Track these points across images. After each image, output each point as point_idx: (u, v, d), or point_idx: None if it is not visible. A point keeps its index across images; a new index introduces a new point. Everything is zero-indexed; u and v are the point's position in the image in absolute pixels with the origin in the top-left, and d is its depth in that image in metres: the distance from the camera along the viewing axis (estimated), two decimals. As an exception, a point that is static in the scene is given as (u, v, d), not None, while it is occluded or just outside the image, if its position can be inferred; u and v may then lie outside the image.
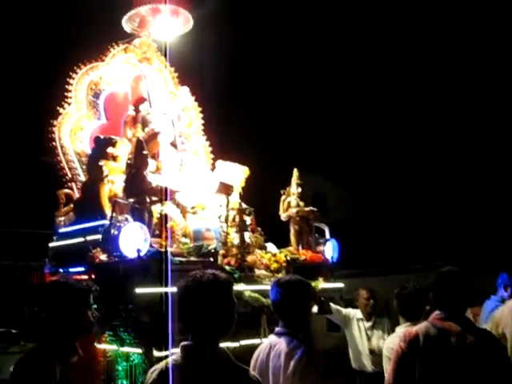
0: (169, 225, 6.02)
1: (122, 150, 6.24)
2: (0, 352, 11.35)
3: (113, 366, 5.95)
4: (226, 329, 3.11)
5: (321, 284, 6.54)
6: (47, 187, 6.81)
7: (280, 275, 6.40)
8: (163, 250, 5.40)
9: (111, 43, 7.40)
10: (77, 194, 6.67)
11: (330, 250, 7.02)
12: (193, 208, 6.87)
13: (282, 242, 7.21)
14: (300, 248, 6.95)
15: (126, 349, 5.55)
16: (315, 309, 6.66)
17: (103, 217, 5.90)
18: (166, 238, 5.99)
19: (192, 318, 3.06)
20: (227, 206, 6.32)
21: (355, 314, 7.30)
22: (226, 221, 6.31)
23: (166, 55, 7.48)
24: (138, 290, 4.87)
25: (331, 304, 7.04)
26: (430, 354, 3.80)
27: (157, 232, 6.11)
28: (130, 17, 7.58)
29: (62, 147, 6.71)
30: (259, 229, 7.12)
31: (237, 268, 5.97)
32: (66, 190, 6.69)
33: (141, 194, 5.38)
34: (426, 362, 3.79)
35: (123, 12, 7.54)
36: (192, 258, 5.60)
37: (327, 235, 7.24)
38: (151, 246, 5.46)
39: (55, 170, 6.67)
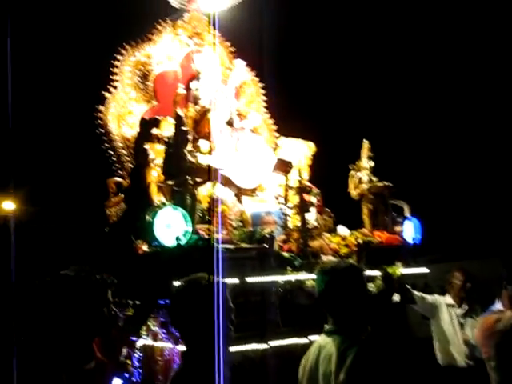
0: (219, 209, 5.45)
1: (169, 131, 5.71)
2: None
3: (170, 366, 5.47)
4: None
5: (399, 270, 5.68)
6: (98, 176, 6.44)
7: (351, 261, 5.65)
8: (207, 236, 4.82)
9: (158, 21, 6.91)
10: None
11: (409, 230, 6.14)
12: (251, 190, 6.25)
13: (355, 224, 6.42)
14: (375, 230, 6.13)
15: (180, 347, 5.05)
16: (396, 298, 5.85)
17: (151, 205, 5.41)
18: (216, 223, 5.43)
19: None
20: (286, 185, 5.63)
21: (444, 300, 6.33)
22: (285, 202, 5.62)
23: (215, 27, 6.89)
24: (177, 283, 4.28)
25: (414, 291, 6.14)
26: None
27: (207, 218, 5.59)
28: (177, -11, 7.05)
29: (109, 133, 6.29)
30: (328, 210, 6.38)
31: (298, 254, 5.27)
32: (116, 179, 6.26)
33: (181, 175, 4.80)
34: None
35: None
36: (244, 245, 4.96)
37: (407, 214, 6.35)
38: (196, 233, 4.90)
39: (104, 157, 6.27)
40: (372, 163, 6.24)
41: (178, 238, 4.42)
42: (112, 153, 6.31)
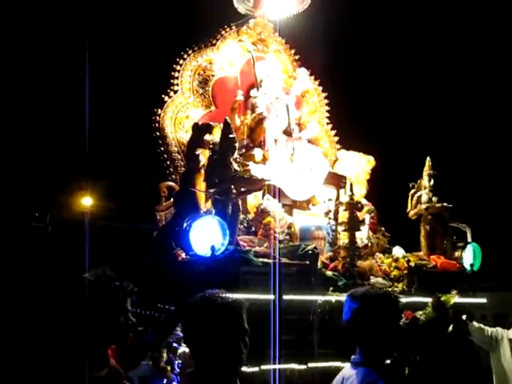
0: (265, 221, 5.29)
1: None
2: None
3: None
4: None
5: (454, 298, 5.30)
6: (151, 180, 6.45)
7: (400, 285, 5.34)
8: (248, 248, 4.68)
9: (223, 26, 6.86)
10: (179, 187, 6.20)
11: (469, 256, 5.72)
12: (303, 203, 6.06)
13: (413, 246, 6.08)
14: (432, 253, 5.77)
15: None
16: (450, 328, 5.47)
17: (199, 211, 5.33)
18: (263, 235, 5.28)
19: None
20: (337, 200, 5.40)
21: (507, 334, 5.86)
22: (336, 218, 5.38)
23: (280, 34, 6.75)
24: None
25: (474, 322, 5.73)
26: None
27: (253, 229, 5.45)
28: (243, -5, 6.97)
29: (165, 137, 6.28)
30: (383, 229, 6.07)
31: (343, 274, 5.02)
32: (169, 183, 6.24)
33: (224, 184, 4.68)
34: None
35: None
36: (285, 260, 4.78)
37: (469, 238, 5.94)
38: (237, 244, 4.77)
39: (159, 161, 6.27)
40: (432, 182, 5.87)
41: (213, 248, 4.30)
42: (166, 157, 6.31)
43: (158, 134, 6.32)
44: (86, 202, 12.68)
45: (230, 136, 4.84)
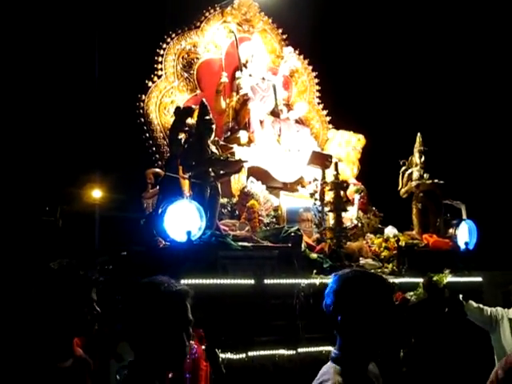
0: (248, 204, 5.15)
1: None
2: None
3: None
4: None
5: (447, 278, 5.11)
6: (139, 166, 6.32)
7: (390, 266, 5.17)
8: (230, 233, 4.55)
9: (207, 7, 6.69)
10: (167, 174, 6.07)
11: (464, 234, 5.53)
12: (293, 184, 5.91)
13: (408, 225, 5.90)
14: (425, 232, 5.59)
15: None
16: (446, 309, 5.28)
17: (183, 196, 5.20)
18: (246, 219, 5.14)
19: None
20: (322, 180, 5.23)
21: (506, 313, 5.64)
22: (321, 199, 5.22)
23: (266, 13, 6.57)
24: (184, 281, 4.05)
25: (472, 302, 5.51)
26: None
27: (237, 213, 5.32)
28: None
29: (150, 123, 6.15)
30: (374, 208, 5.90)
31: (329, 256, 4.86)
32: (155, 170, 6.11)
33: (201, 167, 4.54)
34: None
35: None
36: (267, 244, 4.63)
37: (464, 216, 5.74)
38: (217, 228, 4.63)
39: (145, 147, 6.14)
40: (423, 158, 5.67)
41: (188, 233, 4.17)
42: (152, 143, 6.18)
43: (142, 119, 6.20)
44: (96, 194, 12.68)
45: (207, 118, 4.69)
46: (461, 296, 5.34)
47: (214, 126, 4.73)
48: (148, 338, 2.23)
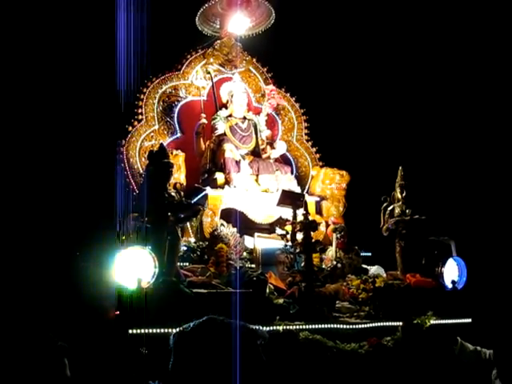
0: (216, 247, 4.98)
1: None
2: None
3: None
4: None
5: (430, 321, 4.76)
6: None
7: (367, 309, 4.86)
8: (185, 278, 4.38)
9: (188, 50, 6.70)
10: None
11: (452, 272, 5.18)
12: (269, 225, 5.72)
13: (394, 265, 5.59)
14: (408, 271, 5.26)
15: None
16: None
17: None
18: (213, 263, 4.95)
19: None
20: (293, 220, 5.01)
21: None
22: (293, 240, 4.99)
23: (249, 53, 6.51)
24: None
25: (468, 344, 5.09)
26: None
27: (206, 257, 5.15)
28: (207, 17, 6.78)
29: (131, 168, 6.08)
30: (356, 248, 5.62)
31: (298, 301, 4.60)
32: (136, 214, 6.03)
33: (158, 212, 4.41)
34: None
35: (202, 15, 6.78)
36: (227, 290, 4.41)
37: (454, 253, 5.40)
38: (178, 274, 4.47)
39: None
40: (404, 193, 5.39)
41: (139, 280, 4.02)
42: (135, 187, 6.11)
43: (123, 165, 6.15)
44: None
45: (164, 161, 4.58)
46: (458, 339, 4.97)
47: (171, 170, 4.61)
48: None
